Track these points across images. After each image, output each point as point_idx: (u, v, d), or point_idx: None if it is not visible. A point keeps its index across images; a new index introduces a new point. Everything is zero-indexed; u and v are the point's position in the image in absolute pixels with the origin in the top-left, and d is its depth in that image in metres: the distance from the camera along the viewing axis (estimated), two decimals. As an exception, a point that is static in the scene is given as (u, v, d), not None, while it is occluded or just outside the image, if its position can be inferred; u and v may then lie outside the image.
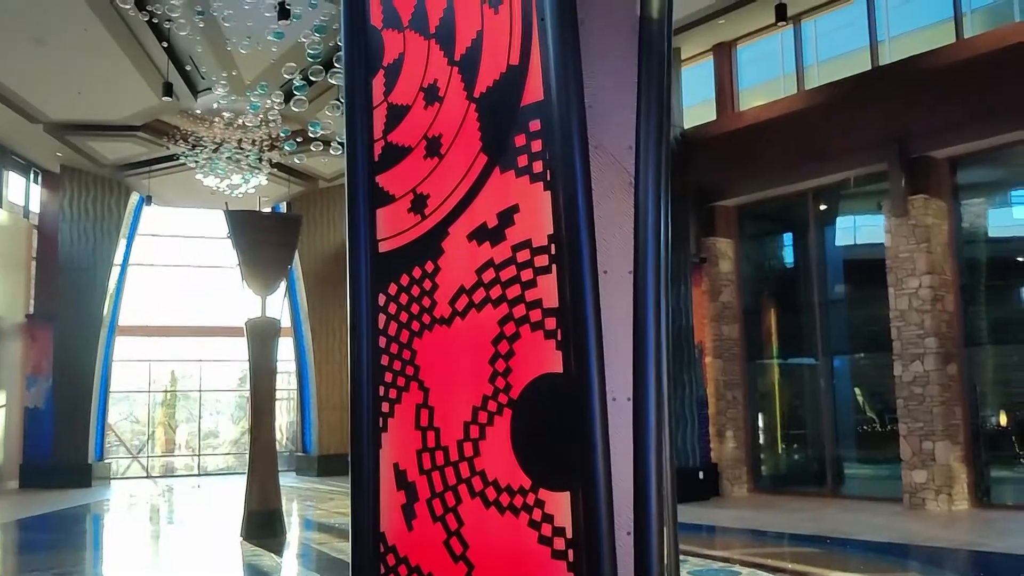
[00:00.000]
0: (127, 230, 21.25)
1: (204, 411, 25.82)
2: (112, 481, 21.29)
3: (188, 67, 14.48)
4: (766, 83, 14.96)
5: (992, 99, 11.16)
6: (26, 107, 16.38)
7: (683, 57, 15.34)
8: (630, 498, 1.88)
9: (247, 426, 21.56)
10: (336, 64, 10.97)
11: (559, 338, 1.92)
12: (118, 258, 20.87)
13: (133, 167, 19.61)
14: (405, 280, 2.28)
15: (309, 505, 15.38)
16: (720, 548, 9.56)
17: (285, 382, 23.48)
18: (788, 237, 15.33)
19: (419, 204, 2.27)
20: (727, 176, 14.42)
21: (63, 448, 19.29)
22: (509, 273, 2.03)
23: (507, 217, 2.05)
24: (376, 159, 2.41)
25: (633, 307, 1.95)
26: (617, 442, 1.89)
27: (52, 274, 19.87)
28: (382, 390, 2.30)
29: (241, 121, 16.01)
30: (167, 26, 12.07)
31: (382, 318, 2.33)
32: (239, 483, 12.42)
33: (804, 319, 14.10)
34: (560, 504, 1.88)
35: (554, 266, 1.94)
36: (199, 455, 25.36)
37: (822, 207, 14.00)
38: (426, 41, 2.32)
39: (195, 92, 15.76)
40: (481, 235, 2.10)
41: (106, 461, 21.71)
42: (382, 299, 2.33)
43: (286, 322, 14.18)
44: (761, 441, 14.96)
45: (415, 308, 2.25)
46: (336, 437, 22.18)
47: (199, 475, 24.22)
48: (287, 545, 10.58)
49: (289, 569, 9.47)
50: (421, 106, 2.31)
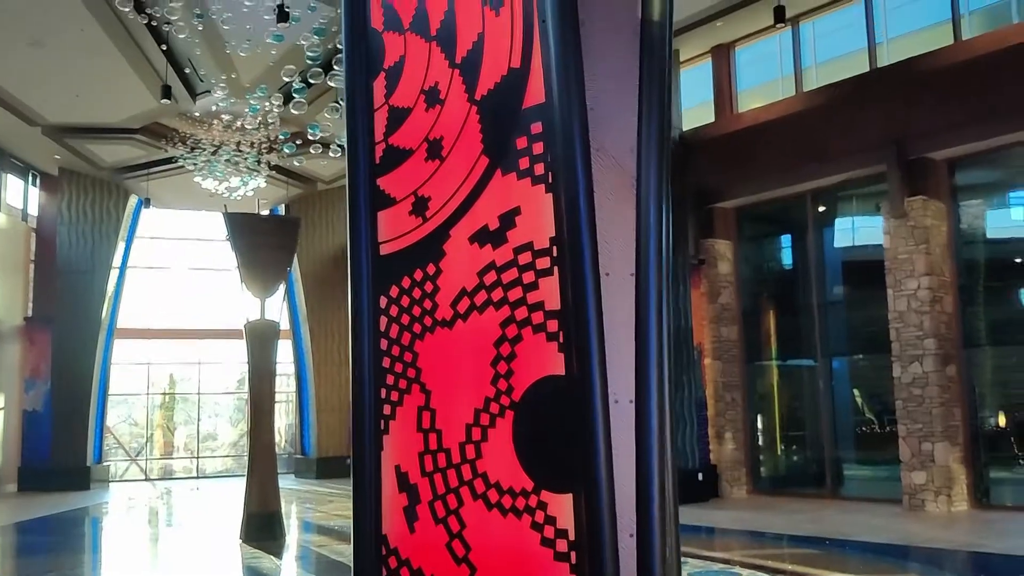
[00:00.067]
0: (125, 233, 21.24)
1: (202, 414, 25.80)
2: (111, 484, 21.27)
3: (187, 70, 14.48)
4: (765, 85, 14.97)
5: (991, 100, 11.17)
6: (24, 110, 16.37)
7: (681, 59, 15.35)
8: (632, 500, 1.88)
9: (246, 429, 21.51)
10: (335, 66, 10.99)
11: (561, 340, 1.91)
12: (116, 261, 20.87)
13: (131, 170, 19.61)
14: (406, 282, 2.27)
15: (308, 507, 15.36)
16: (720, 549, 9.56)
17: (284, 384, 23.47)
18: (787, 239, 15.34)
19: (420, 207, 2.26)
20: (726, 178, 14.43)
21: (61, 451, 19.27)
22: (511, 275, 2.02)
23: (509, 219, 2.04)
24: (377, 162, 2.40)
25: (635, 309, 1.94)
26: (619, 444, 1.88)
27: (50, 277, 19.86)
28: (383, 392, 2.29)
29: (240, 123, 16.01)
30: (166, 29, 12.07)
31: (383, 320, 2.32)
32: (238, 485, 12.41)
33: (803, 321, 14.11)
34: (563, 506, 1.87)
35: (556, 268, 1.94)
36: (198, 458, 25.34)
37: (821, 208, 14.01)
38: (427, 43, 2.31)
39: (193, 95, 15.77)
40: (483, 237, 2.09)
41: (105, 464, 21.69)
42: (383, 302, 2.32)
43: (285, 324, 14.16)
44: (760, 442, 14.96)
45: (416, 310, 2.24)
46: (335, 439, 22.16)
47: (198, 478, 24.20)
48: (286, 548, 10.57)
49: (289, 571, 9.47)
50: (422, 109, 2.30)
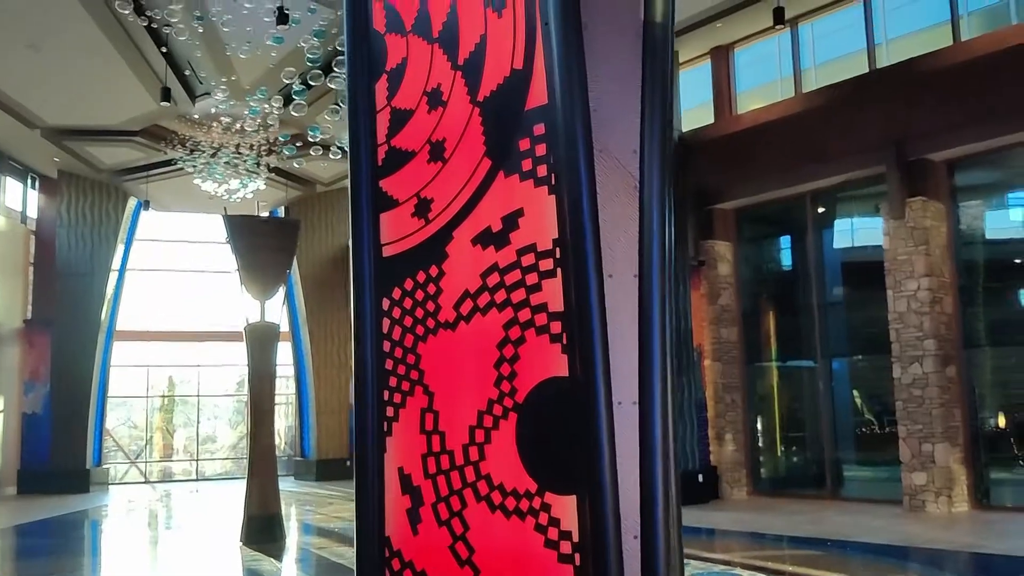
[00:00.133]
0: (125, 235, 21.24)
1: (202, 416, 25.79)
2: (110, 486, 21.25)
3: (187, 72, 14.48)
4: (764, 86, 14.98)
5: (990, 101, 11.18)
6: (24, 112, 16.37)
7: (681, 60, 15.36)
8: (636, 502, 1.88)
9: (245, 431, 21.48)
10: (335, 68, 11.00)
11: (564, 342, 1.91)
12: (116, 263, 20.87)
13: (131, 172, 19.62)
14: (409, 284, 2.27)
15: (308, 509, 15.35)
16: (720, 551, 9.55)
17: (283, 387, 23.45)
18: (786, 240, 15.34)
19: (423, 208, 2.26)
20: (725, 179, 14.43)
21: (61, 453, 19.26)
22: (514, 277, 2.02)
23: (512, 221, 2.04)
24: (379, 163, 2.40)
25: (638, 311, 1.94)
26: (623, 446, 1.88)
27: (50, 279, 19.85)
28: (386, 394, 2.29)
29: (239, 125, 16.02)
30: (166, 31, 12.07)
31: (386, 323, 2.32)
32: (237, 488, 12.41)
33: (803, 322, 14.11)
34: (566, 508, 1.87)
35: (559, 270, 1.94)
36: (197, 460, 25.32)
37: (820, 210, 14.01)
38: (429, 45, 2.31)
39: (193, 97, 15.77)
40: (486, 239, 2.09)
41: (104, 466, 21.68)
42: (386, 304, 2.32)
43: (284, 327, 14.16)
44: (760, 444, 14.95)
45: (419, 312, 2.24)
46: (335, 441, 22.15)
47: (197, 480, 24.18)
48: (287, 550, 10.56)
49: (289, 574, 9.45)
50: (424, 110, 2.30)
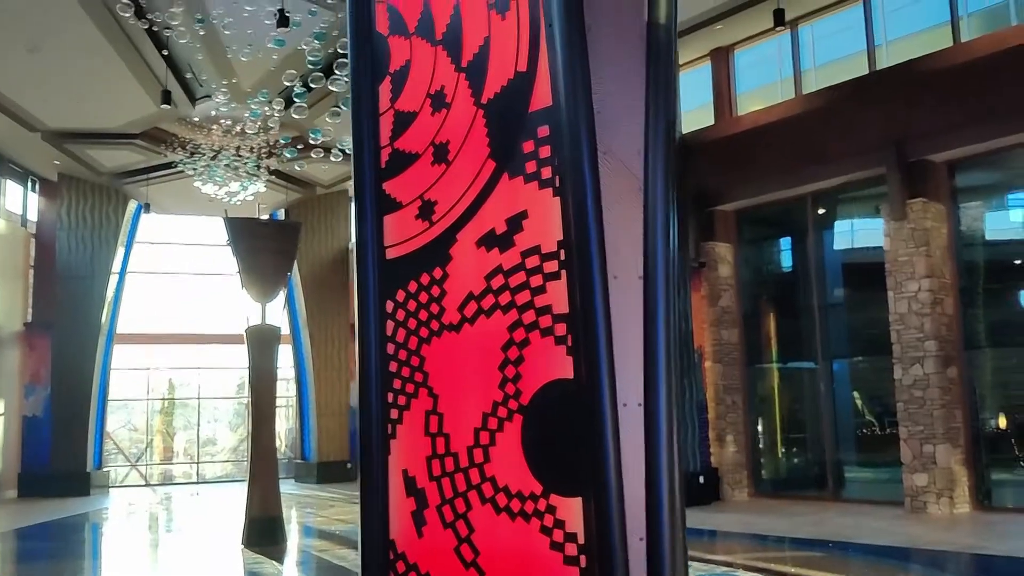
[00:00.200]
0: (125, 238, 21.25)
1: (202, 419, 25.77)
2: (111, 489, 21.23)
3: (187, 75, 14.49)
4: (764, 87, 14.98)
5: (990, 102, 11.18)
6: (24, 115, 16.38)
7: (681, 62, 15.35)
8: (642, 503, 1.87)
9: (245, 434, 21.46)
10: (336, 71, 11.01)
11: (569, 344, 1.91)
12: (116, 266, 20.87)
13: (131, 175, 19.62)
14: (413, 287, 2.27)
15: (309, 512, 15.34)
16: (722, 553, 9.54)
17: (284, 389, 23.44)
18: (787, 241, 15.34)
19: (427, 211, 2.26)
20: (725, 180, 14.44)
21: (61, 457, 19.25)
22: (518, 279, 2.02)
23: (516, 223, 2.04)
24: (383, 166, 2.40)
25: (643, 312, 1.94)
26: (628, 448, 1.88)
27: (50, 282, 19.85)
28: (391, 397, 2.29)
29: (240, 128, 16.02)
30: (166, 34, 12.08)
31: (390, 325, 2.32)
32: (237, 491, 12.41)
33: (803, 323, 14.11)
34: (572, 510, 1.87)
35: (563, 272, 1.94)
36: (197, 463, 25.30)
37: (821, 211, 14.02)
38: (433, 48, 2.31)
39: (193, 100, 15.78)
40: (490, 241, 2.09)
41: (104, 469, 21.67)
42: (390, 306, 2.32)
43: (284, 329, 14.16)
44: (761, 445, 14.95)
45: (423, 315, 2.24)
46: (335, 444, 22.14)
47: (197, 483, 24.16)
48: (288, 553, 10.55)
49: (290, 577, 9.45)
50: (428, 113, 2.30)
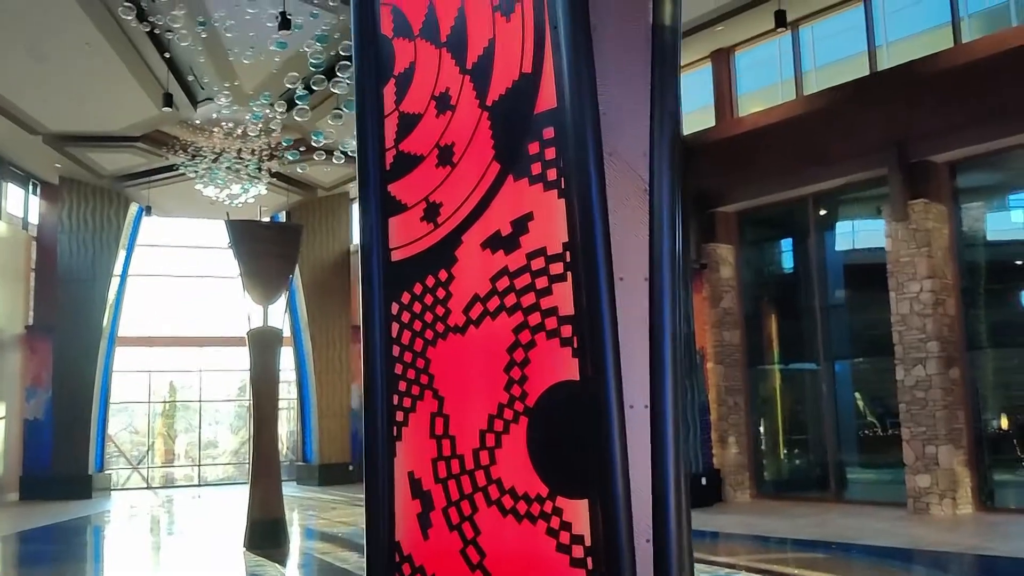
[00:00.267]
0: (126, 240, 21.26)
1: (203, 421, 25.77)
2: (112, 492, 21.23)
3: (189, 77, 14.50)
4: (765, 89, 14.98)
5: (991, 103, 11.18)
6: (25, 118, 16.39)
7: (681, 63, 15.31)
8: (648, 505, 1.87)
9: (247, 436, 21.43)
10: (338, 73, 11.01)
11: (575, 345, 1.90)
12: (117, 269, 20.88)
13: (132, 178, 19.64)
14: (418, 289, 2.26)
15: (311, 514, 15.33)
16: (724, 554, 9.53)
17: (285, 391, 23.43)
18: (788, 242, 15.34)
19: (432, 213, 2.26)
20: (727, 182, 14.43)
21: (63, 459, 19.25)
22: (524, 281, 2.01)
23: (521, 225, 2.03)
24: (388, 168, 2.39)
25: (649, 313, 1.94)
26: (634, 449, 1.88)
27: (51, 285, 19.86)
28: (396, 399, 2.28)
29: (241, 131, 16.03)
30: (168, 37, 12.08)
31: (395, 327, 2.31)
32: (239, 493, 12.40)
33: (805, 324, 14.10)
34: (578, 512, 1.86)
35: (569, 274, 1.93)
36: (199, 465, 25.29)
37: (822, 212, 14.01)
38: (437, 50, 2.31)
39: (195, 102, 15.78)
40: (495, 243, 2.09)
41: (106, 472, 21.67)
42: (395, 308, 2.32)
43: (286, 331, 14.16)
44: (763, 446, 14.94)
45: (429, 317, 2.23)
46: (337, 446, 22.13)
47: (199, 485, 24.15)
48: (290, 555, 10.54)
49: (293, 579, 9.45)
50: (433, 115, 2.30)
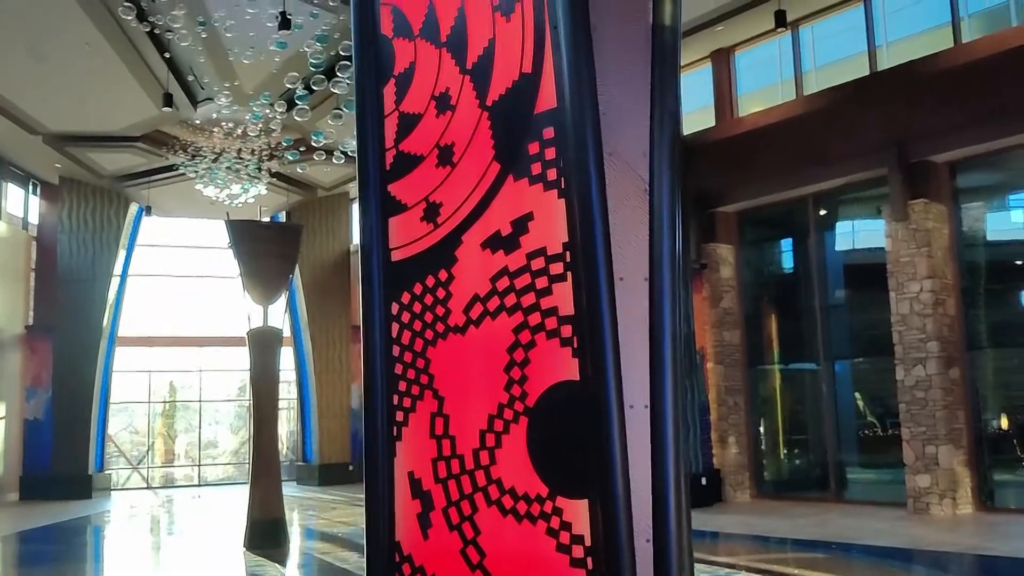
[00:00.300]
0: (126, 240, 21.26)
1: (203, 421, 25.77)
2: (112, 492, 21.23)
3: (189, 77, 14.50)
4: (765, 89, 14.98)
5: (991, 103, 11.17)
6: (25, 118, 16.38)
7: (681, 63, 15.32)
8: (648, 505, 1.87)
9: (247, 436, 21.44)
10: (338, 73, 11.01)
11: (575, 345, 1.90)
12: (117, 269, 20.88)
13: (132, 177, 19.63)
14: (418, 289, 2.26)
15: (311, 515, 15.33)
16: (724, 554, 9.53)
17: (285, 391, 23.43)
18: (788, 242, 15.34)
19: (432, 213, 2.26)
20: (727, 182, 14.43)
21: (63, 459, 19.25)
22: (524, 281, 2.01)
23: (521, 225, 2.03)
24: (388, 168, 2.39)
25: (649, 313, 1.94)
26: (634, 449, 1.87)
27: (51, 285, 19.85)
28: (396, 399, 2.28)
29: (241, 131, 16.03)
30: (168, 37, 12.08)
31: (395, 327, 2.31)
32: (239, 493, 12.40)
33: (805, 324, 14.10)
34: (578, 512, 1.86)
35: (569, 274, 1.93)
36: (199, 465, 25.30)
37: (822, 212, 14.01)
38: (437, 50, 2.31)
39: (195, 102, 15.78)
40: (495, 243, 2.09)
41: (106, 472, 21.67)
42: (395, 308, 2.32)
43: (286, 331, 14.16)
44: (763, 446, 14.94)
45: (429, 317, 2.23)
46: (337, 446, 22.13)
47: (199, 485, 24.16)
48: (290, 555, 10.54)
49: (293, 579, 9.44)
50: (433, 115, 2.30)
